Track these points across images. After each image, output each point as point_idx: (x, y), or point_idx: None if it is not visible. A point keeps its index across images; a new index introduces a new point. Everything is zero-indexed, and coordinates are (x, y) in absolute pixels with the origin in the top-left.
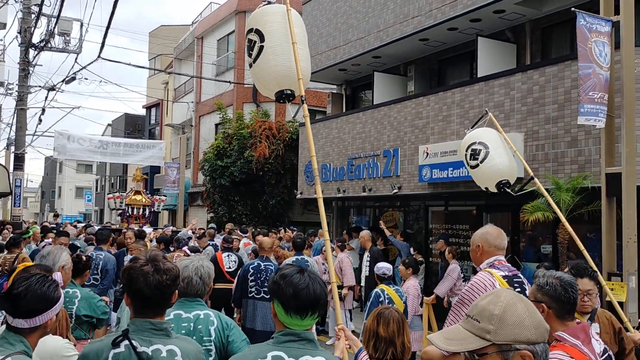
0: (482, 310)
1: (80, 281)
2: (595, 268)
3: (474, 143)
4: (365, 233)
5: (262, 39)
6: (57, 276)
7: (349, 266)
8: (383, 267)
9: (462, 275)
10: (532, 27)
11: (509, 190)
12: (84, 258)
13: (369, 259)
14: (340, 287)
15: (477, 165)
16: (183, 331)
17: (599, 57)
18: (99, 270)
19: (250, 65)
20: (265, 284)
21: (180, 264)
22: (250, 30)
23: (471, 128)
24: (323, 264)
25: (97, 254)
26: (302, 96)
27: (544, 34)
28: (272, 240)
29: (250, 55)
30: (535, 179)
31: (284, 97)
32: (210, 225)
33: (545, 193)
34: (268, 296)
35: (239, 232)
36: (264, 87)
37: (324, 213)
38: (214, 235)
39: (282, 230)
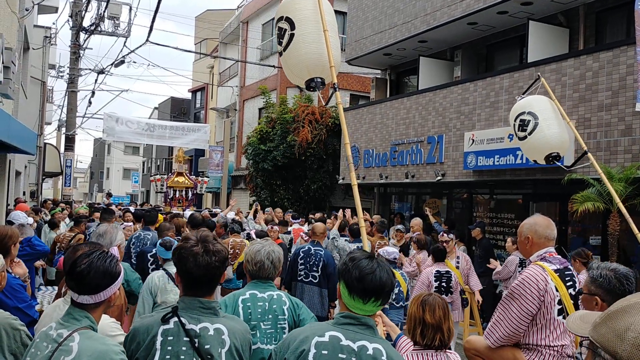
0: (615, 304)
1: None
2: None
3: (522, 113)
4: (418, 221)
5: (292, 27)
6: (114, 251)
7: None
8: (394, 252)
9: (519, 268)
10: (586, 11)
11: (559, 164)
12: None
13: None
14: (462, 292)
15: (525, 137)
16: (259, 310)
17: None
18: None
19: (280, 54)
20: (314, 269)
21: (252, 248)
22: (281, 19)
23: (522, 95)
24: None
25: (144, 234)
26: (334, 84)
27: (598, 18)
28: (324, 225)
29: (280, 43)
30: (589, 154)
31: (314, 85)
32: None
33: (599, 169)
34: (316, 280)
35: (290, 218)
36: (294, 75)
37: (358, 199)
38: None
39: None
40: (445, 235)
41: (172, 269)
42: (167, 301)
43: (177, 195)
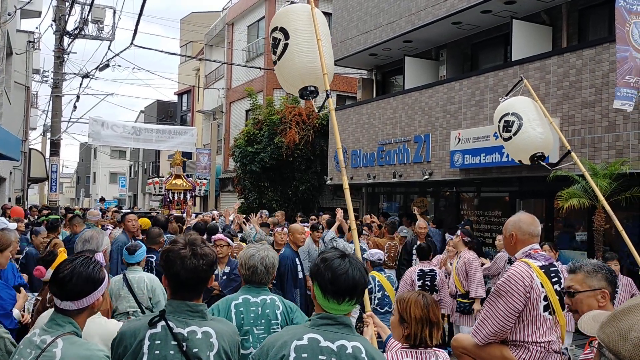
0: (623, 304)
1: None
2: (636, 254)
3: (507, 114)
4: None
5: (286, 36)
6: (100, 257)
7: (479, 271)
8: (377, 252)
9: (508, 265)
10: (569, 9)
11: (543, 164)
12: None
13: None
14: (464, 297)
15: (510, 138)
16: (252, 314)
17: (636, 40)
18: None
19: (275, 63)
20: None
21: (247, 252)
22: (275, 29)
23: (505, 96)
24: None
25: (118, 237)
26: (327, 91)
27: (581, 15)
28: (296, 226)
29: (274, 53)
30: (573, 154)
31: (308, 93)
32: (263, 212)
33: (583, 168)
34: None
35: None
36: (288, 83)
37: (350, 202)
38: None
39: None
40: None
41: (134, 274)
42: (118, 308)
43: (175, 198)
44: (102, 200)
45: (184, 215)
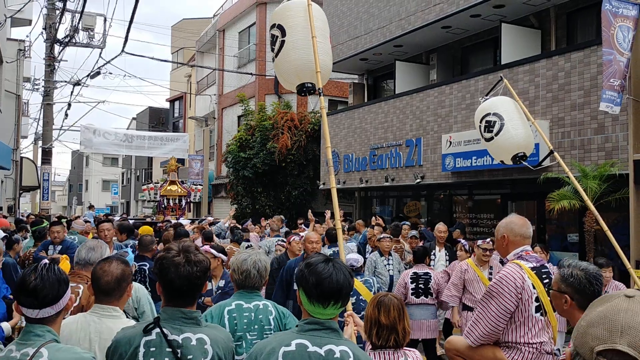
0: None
1: None
2: (623, 256)
3: (488, 114)
4: (444, 227)
5: (283, 33)
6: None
7: None
8: (351, 258)
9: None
10: (557, 12)
11: (525, 164)
12: None
13: (447, 256)
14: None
15: (491, 138)
16: (245, 320)
17: (621, 44)
18: None
19: (273, 60)
20: None
21: (239, 257)
22: (273, 26)
23: (486, 96)
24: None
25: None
26: (319, 89)
27: (569, 19)
28: (318, 236)
29: (272, 50)
30: (555, 153)
31: (305, 90)
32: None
33: (566, 167)
34: None
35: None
36: (286, 80)
37: (336, 202)
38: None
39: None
40: (490, 242)
41: None
42: None
43: (170, 204)
44: (91, 207)
45: (180, 221)
